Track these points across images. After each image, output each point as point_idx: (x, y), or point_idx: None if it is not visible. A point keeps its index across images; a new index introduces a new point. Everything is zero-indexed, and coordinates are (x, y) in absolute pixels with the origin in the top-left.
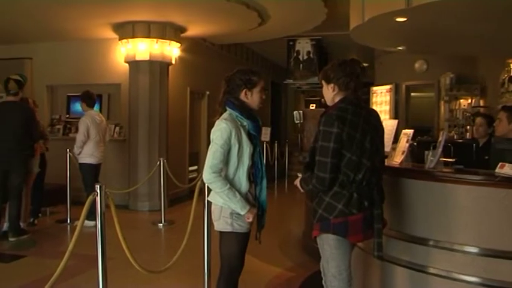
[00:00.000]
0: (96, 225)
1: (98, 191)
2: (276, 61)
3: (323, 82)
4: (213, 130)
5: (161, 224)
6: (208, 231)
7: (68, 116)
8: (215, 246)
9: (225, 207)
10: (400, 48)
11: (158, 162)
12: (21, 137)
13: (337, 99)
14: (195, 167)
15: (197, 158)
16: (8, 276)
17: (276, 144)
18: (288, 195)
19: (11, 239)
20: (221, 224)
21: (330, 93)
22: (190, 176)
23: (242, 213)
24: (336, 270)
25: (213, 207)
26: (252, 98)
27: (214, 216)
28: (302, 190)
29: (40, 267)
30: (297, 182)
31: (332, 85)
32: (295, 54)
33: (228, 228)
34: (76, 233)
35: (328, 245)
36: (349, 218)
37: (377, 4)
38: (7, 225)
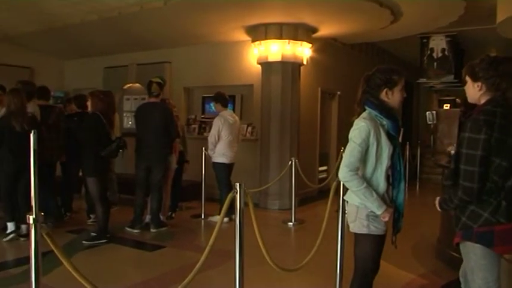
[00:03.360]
0: (229, 222)
1: (238, 189)
2: (408, 59)
3: (468, 78)
4: (351, 129)
5: (291, 223)
6: (342, 232)
7: (203, 116)
8: (348, 248)
9: (361, 208)
10: None
11: (290, 162)
12: (161, 136)
13: (483, 100)
14: (324, 167)
15: (327, 159)
16: (151, 264)
17: (407, 146)
18: (420, 199)
19: (152, 230)
20: (357, 226)
21: (476, 92)
22: (320, 176)
23: (378, 212)
24: (483, 283)
25: (348, 208)
26: (393, 97)
27: (349, 218)
28: (440, 209)
29: (178, 258)
30: (436, 203)
31: (479, 84)
32: (428, 52)
33: (364, 230)
34: (216, 228)
35: (474, 254)
36: (495, 228)
37: None
38: (149, 218)
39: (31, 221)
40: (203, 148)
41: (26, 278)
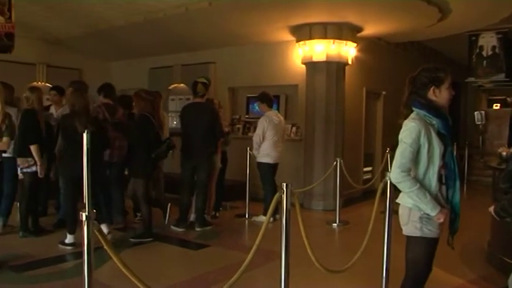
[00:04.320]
0: (273, 222)
1: (284, 189)
2: (455, 58)
3: None
4: (401, 130)
5: (335, 224)
6: (388, 234)
7: (247, 116)
8: (395, 250)
9: (414, 211)
10: None
11: (335, 163)
12: (207, 135)
13: None
14: (369, 168)
15: (372, 159)
16: (196, 262)
17: (454, 146)
18: (468, 201)
19: (197, 229)
20: (410, 229)
21: None
22: (365, 177)
23: (433, 214)
24: None
25: (400, 210)
26: (441, 95)
27: (402, 220)
28: (498, 218)
29: (222, 257)
30: (492, 212)
31: None
32: (477, 50)
33: (417, 233)
34: (262, 228)
35: None
36: None
37: None
38: (194, 217)
39: (84, 218)
40: (248, 148)
41: (76, 272)
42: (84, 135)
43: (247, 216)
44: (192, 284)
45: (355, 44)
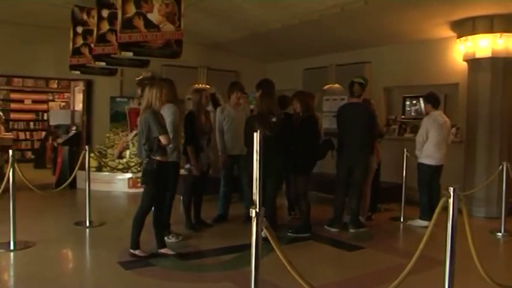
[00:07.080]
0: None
1: (451, 193)
2: None
3: None
4: None
5: (500, 234)
6: None
7: (403, 116)
8: None
9: None
10: None
11: (500, 167)
12: (363, 136)
13: None
14: None
15: None
16: (350, 263)
17: None
18: None
19: (351, 230)
20: None
21: None
22: None
23: None
24: None
25: None
26: None
27: None
28: None
29: (376, 260)
30: None
31: None
32: None
33: None
34: (427, 234)
35: None
36: None
37: None
38: (348, 218)
39: (253, 214)
40: (404, 149)
41: (233, 265)
42: (255, 134)
43: (402, 220)
44: (347, 285)
45: None
